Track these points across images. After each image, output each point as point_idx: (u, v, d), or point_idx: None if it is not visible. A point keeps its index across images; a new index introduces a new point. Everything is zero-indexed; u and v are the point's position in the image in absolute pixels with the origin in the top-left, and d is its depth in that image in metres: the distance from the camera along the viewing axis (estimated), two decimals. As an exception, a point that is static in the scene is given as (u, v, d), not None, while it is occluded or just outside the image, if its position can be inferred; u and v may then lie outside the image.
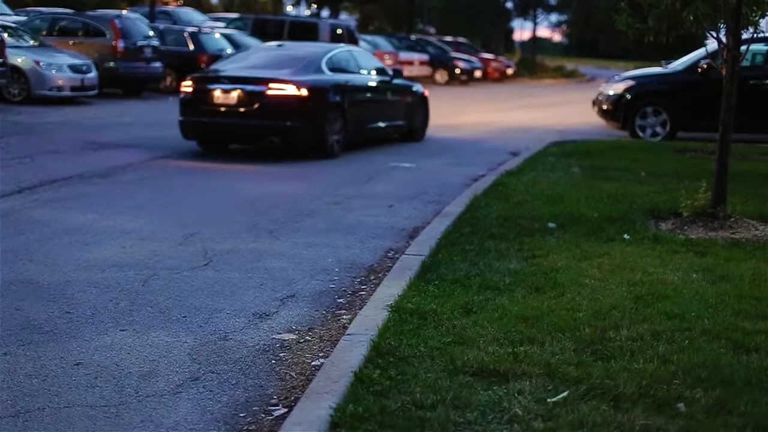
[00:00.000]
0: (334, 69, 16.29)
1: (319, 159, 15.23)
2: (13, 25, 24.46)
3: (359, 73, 17.27)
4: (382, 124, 17.67)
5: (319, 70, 15.92)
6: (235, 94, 15.09)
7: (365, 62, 17.97)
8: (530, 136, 20.05)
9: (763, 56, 19.10)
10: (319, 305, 6.88)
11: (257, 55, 17.03)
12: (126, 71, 25.91)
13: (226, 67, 16.37)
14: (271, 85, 15.00)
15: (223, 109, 15.14)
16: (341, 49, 17.60)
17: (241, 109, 15.03)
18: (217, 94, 15.19)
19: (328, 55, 16.55)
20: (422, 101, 19.16)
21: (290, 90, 14.99)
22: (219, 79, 15.44)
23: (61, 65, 22.95)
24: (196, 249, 8.46)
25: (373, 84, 17.55)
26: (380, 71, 18.15)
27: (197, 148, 15.78)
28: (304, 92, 15.02)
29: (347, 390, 4.77)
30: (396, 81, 18.29)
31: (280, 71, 15.43)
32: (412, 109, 18.67)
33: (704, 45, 12.10)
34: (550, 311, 6.17)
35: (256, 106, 14.94)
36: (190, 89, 15.50)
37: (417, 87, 19.38)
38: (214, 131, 15.59)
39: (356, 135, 16.51)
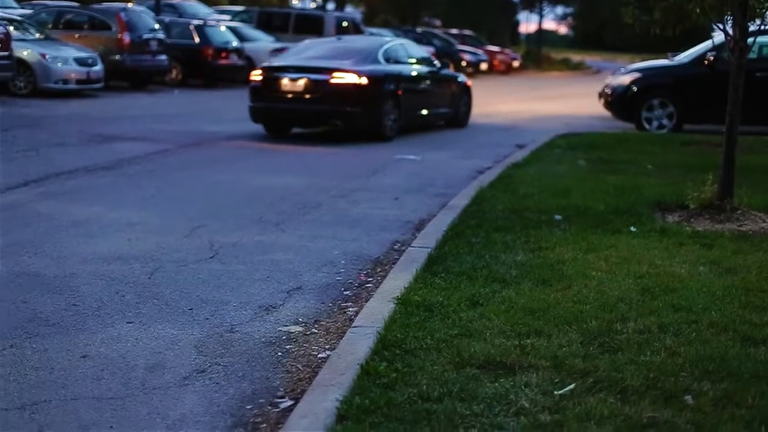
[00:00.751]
0: (388, 60, 17.75)
1: (375, 141, 16.51)
2: (18, 18, 24.45)
3: (410, 64, 18.65)
4: (431, 111, 19.07)
5: (376, 61, 17.34)
6: (301, 82, 16.53)
7: (415, 54, 19.39)
8: (537, 127, 20.03)
9: (770, 48, 19.06)
10: (325, 297, 6.88)
11: (318, 48, 18.27)
12: (132, 64, 25.93)
13: (290, 58, 17.65)
14: (334, 74, 16.47)
15: (290, 95, 16.62)
16: (395, 42, 19.30)
17: (307, 96, 16.51)
18: (285, 82, 16.64)
19: (384, 47, 18.05)
20: (466, 90, 20.59)
21: (351, 78, 16.46)
22: (286, 69, 16.84)
23: (67, 58, 22.97)
24: (202, 241, 8.46)
25: (423, 74, 18.86)
26: (428, 62, 19.54)
27: (202, 141, 15.80)
28: (363, 80, 16.48)
29: (354, 382, 4.76)
30: (443, 71, 19.75)
31: (342, 62, 16.85)
32: (456, 97, 20.16)
33: (711, 37, 12.05)
34: (556, 303, 6.16)
35: (320, 93, 16.40)
36: (259, 78, 16.99)
37: (461, 77, 20.90)
38: (282, 116, 17.11)
39: (408, 120, 17.89)
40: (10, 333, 5.83)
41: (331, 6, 68.09)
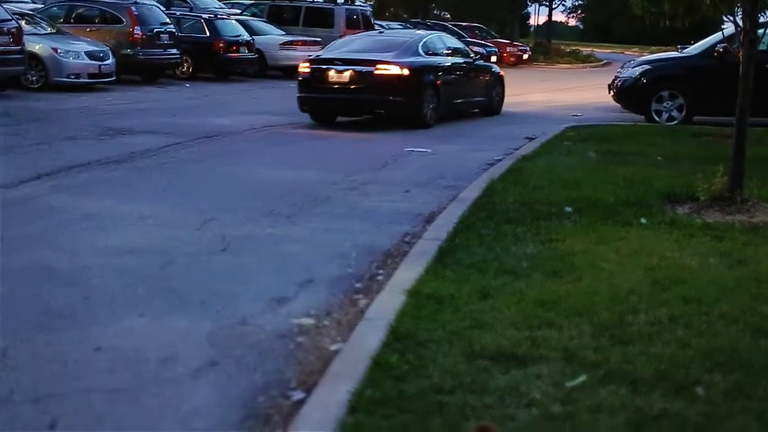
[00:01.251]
0: (428, 52, 18.78)
1: (416, 128, 17.32)
2: (30, 12, 24.47)
3: (448, 55, 19.68)
4: (467, 100, 20.05)
5: (417, 53, 18.36)
6: (347, 74, 17.52)
7: (452, 46, 20.47)
8: (547, 119, 20.01)
9: (780, 40, 18.96)
10: (336, 290, 6.89)
11: (361, 41, 19.47)
12: (143, 58, 25.93)
13: (336, 52, 18.65)
14: (378, 65, 17.46)
15: (336, 86, 17.61)
16: (433, 35, 20.67)
17: (352, 86, 17.51)
18: (332, 74, 17.63)
19: (423, 40, 19.18)
20: (499, 80, 21.53)
21: (394, 70, 17.44)
22: (333, 61, 17.82)
23: (78, 52, 22.96)
24: (213, 234, 8.48)
25: (459, 65, 19.90)
26: (464, 54, 20.58)
27: (213, 134, 15.82)
28: (405, 72, 17.44)
29: (365, 374, 4.78)
30: (478, 62, 20.85)
31: (385, 54, 17.80)
32: (491, 86, 21.08)
33: (721, 29, 12.03)
34: (567, 295, 6.17)
35: (365, 83, 17.37)
36: (307, 70, 17.94)
37: (495, 68, 21.99)
38: (328, 105, 18.08)
39: (447, 109, 18.72)
40: (23, 326, 5.85)
41: (341, -1, 67.95)
